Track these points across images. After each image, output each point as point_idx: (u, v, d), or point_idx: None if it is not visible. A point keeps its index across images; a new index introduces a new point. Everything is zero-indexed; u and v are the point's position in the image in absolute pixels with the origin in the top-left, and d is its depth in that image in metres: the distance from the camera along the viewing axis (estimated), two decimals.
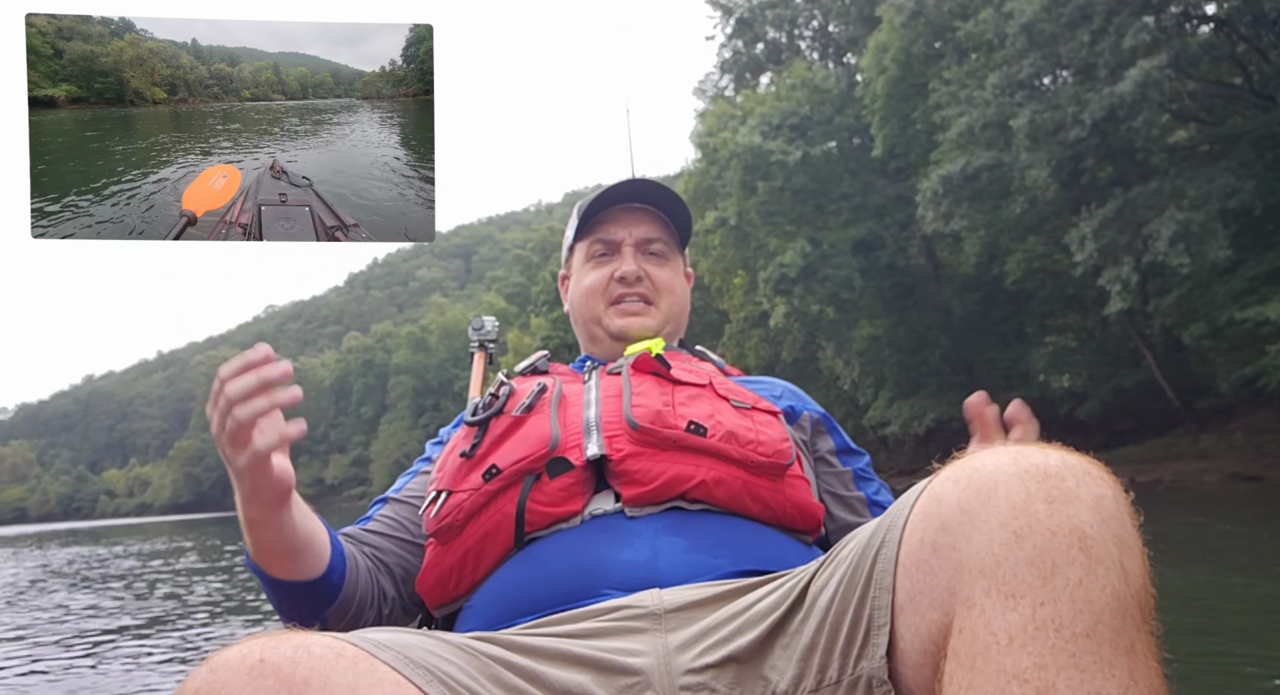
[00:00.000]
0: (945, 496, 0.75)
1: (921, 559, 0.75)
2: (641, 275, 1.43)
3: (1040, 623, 0.66)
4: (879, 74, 22.92)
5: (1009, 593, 0.68)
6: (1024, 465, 0.73)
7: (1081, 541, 0.68)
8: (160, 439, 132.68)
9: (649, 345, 1.35)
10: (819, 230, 24.33)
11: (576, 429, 1.14)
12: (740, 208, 25.41)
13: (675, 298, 1.47)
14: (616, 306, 1.43)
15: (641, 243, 1.45)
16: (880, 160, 24.18)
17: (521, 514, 1.07)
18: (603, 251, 1.45)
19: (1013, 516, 0.70)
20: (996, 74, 18.06)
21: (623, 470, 1.09)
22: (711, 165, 27.02)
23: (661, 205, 1.47)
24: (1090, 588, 0.66)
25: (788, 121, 24.67)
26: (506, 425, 1.16)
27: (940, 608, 0.73)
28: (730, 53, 32.99)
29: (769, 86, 29.75)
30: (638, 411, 1.13)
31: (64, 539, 24.64)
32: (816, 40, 31.33)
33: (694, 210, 29.04)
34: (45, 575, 11.01)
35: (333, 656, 0.70)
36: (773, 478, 1.11)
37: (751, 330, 29.05)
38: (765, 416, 1.19)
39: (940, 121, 19.95)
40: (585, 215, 1.46)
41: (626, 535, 1.05)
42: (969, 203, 19.35)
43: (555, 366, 1.43)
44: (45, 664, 4.51)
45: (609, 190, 1.45)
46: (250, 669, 0.67)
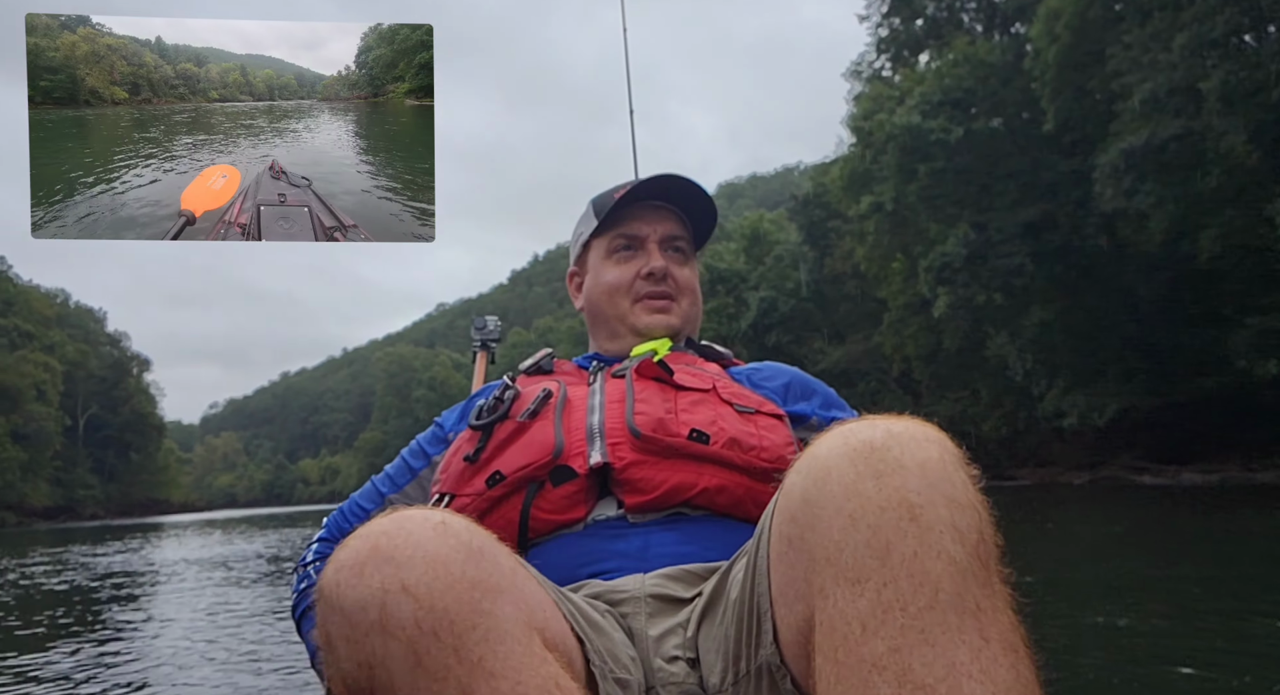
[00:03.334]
0: (792, 488, 0.76)
1: (781, 552, 0.78)
2: (668, 273, 1.39)
3: (886, 605, 0.67)
4: (1050, 43, 21.46)
5: (853, 579, 0.68)
6: (852, 444, 0.73)
7: (911, 512, 0.68)
8: (347, 430, 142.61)
9: (654, 346, 1.35)
10: (984, 212, 23.13)
11: (580, 436, 1.13)
12: (898, 192, 24.53)
13: (694, 298, 1.44)
14: (642, 303, 1.39)
15: (666, 240, 1.41)
16: (1052, 135, 22.66)
17: (525, 520, 1.07)
18: (626, 246, 1.41)
19: (846, 500, 0.70)
20: (1184, 34, 16.56)
21: (625, 478, 1.08)
22: (867, 149, 26.24)
23: (687, 204, 1.43)
24: (925, 558, 0.67)
25: (950, 98, 23.58)
26: (511, 430, 1.15)
27: (803, 600, 0.75)
28: (887, 30, 31.86)
29: (929, 64, 28.53)
30: (640, 419, 1.12)
31: (263, 523, 27.06)
32: (980, 11, 29.72)
33: (848, 196, 28.34)
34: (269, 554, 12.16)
35: (496, 541, 0.77)
36: (776, 482, 1.06)
37: (911, 318, 28.03)
38: (769, 420, 1.17)
39: (1120, 90, 18.50)
40: (611, 210, 1.41)
41: (624, 534, 1.06)
42: (1155, 176, 17.85)
43: (560, 364, 1.41)
44: None
45: (640, 186, 1.39)
46: (435, 526, 0.72)
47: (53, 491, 52.40)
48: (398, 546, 0.70)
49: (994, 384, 27.05)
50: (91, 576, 9.04)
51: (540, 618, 0.75)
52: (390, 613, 0.67)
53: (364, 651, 0.68)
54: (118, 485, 63.81)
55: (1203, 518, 9.42)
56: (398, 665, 0.67)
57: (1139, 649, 3.08)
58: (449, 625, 0.68)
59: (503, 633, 0.70)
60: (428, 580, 0.68)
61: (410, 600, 0.67)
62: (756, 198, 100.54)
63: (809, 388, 1.35)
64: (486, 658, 0.68)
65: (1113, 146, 18.37)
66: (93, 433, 62.38)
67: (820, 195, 35.43)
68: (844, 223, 31.95)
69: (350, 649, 0.68)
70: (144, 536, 19.62)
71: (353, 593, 0.68)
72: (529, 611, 0.74)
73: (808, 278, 36.78)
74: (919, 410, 11.41)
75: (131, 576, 8.94)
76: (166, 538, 18.66)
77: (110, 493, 61.89)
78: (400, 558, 0.69)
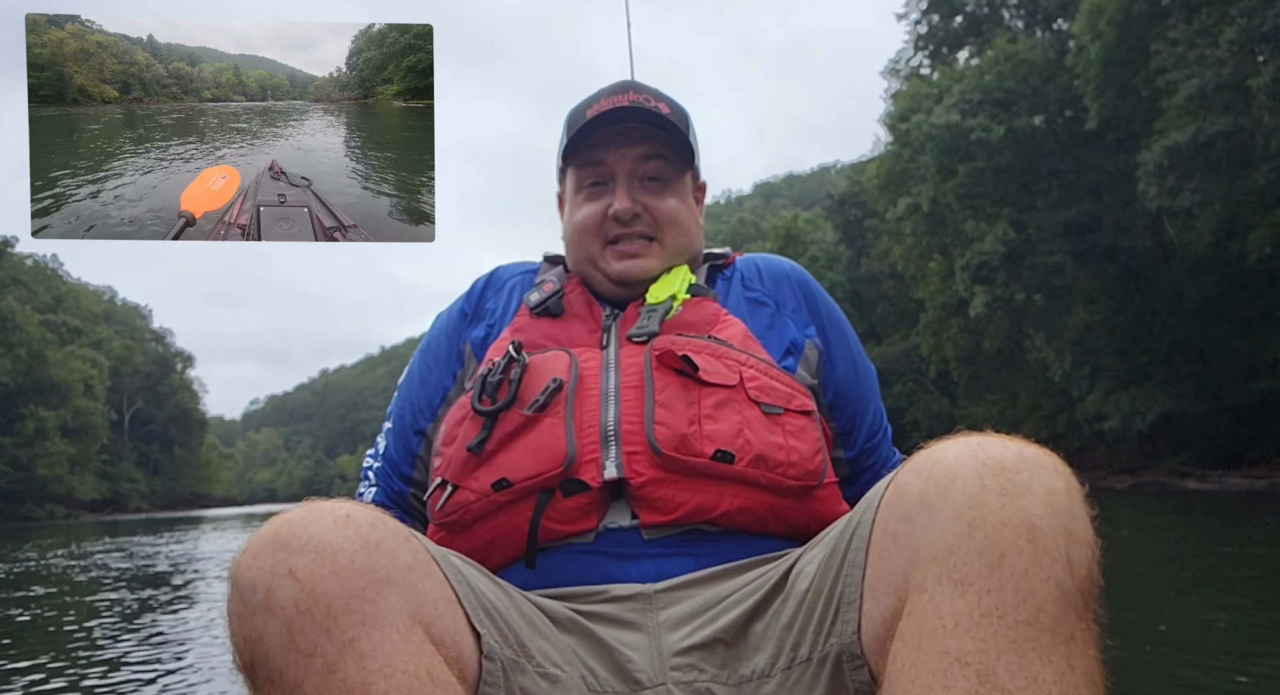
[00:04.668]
0: (908, 487, 0.79)
1: (883, 546, 0.80)
2: (638, 211, 1.25)
3: (985, 609, 0.70)
4: (1094, 39, 21.07)
5: (958, 579, 0.72)
6: (982, 458, 0.76)
7: (1030, 533, 0.71)
8: None
9: (674, 289, 1.23)
10: (1025, 211, 22.78)
11: (593, 437, 1.06)
12: (936, 192, 24.24)
13: (681, 228, 1.28)
14: (614, 247, 1.26)
15: (637, 168, 1.26)
16: (1095, 133, 22.25)
17: (535, 531, 1.04)
18: (594, 181, 1.28)
19: (967, 507, 0.73)
20: (1233, 29, 16.18)
21: (643, 496, 1.04)
22: (904, 148, 25.96)
23: (656, 123, 1.25)
24: (1035, 578, 0.70)
25: (990, 97, 23.25)
26: (518, 424, 1.07)
27: (895, 593, 0.77)
28: (926, 28, 31.49)
29: (969, 61, 28.16)
30: (660, 432, 1.04)
31: None
32: (1022, 7, 29.27)
33: (885, 195, 28.06)
34: None
35: (403, 537, 0.81)
36: (800, 498, 1.06)
37: (950, 319, 27.68)
38: (797, 422, 1.10)
39: (1165, 86, 18.10)
40: (571, 139, 1.26)
41: (636, 554, 1.04)
42: (1201, 174, 17.45)
43: (570, 300, 1.26)
44: None
45: (593, 117, 1.24)
46: (337, 520, 0.78)
47: (99, 485, 53.73)
48: (295, 535, 0.76)
49: (1033, 386, 26.63)
50: (151, 564, 9.27)
51: (429, 612, 0.79)
52: (274, 593, 0.73)
53: (249, 627, 0.74)
54: (162, 479, 65.23)
55: (1253, 522, 9.19)
56: (274, 641, 0.73)
57: (1189, 659, 3.03)
58: (326, 607, 0.73)
59: (382, 620, 0.74)
60: (314, 567, 0.74)
61: (294, 583, 0.73)
62: (793, 197, 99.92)
63: (813, 294, 1.31)
64: (359, 639, 0.73)
65: (1157, 144, 17.99)
66: (138, 427, 63.83)
67: (857, 194, 35.14)
68: (881, 222, 31.65)
69: (239, 624, 0.75)
70: (193, 529, 20.03)
71: (246, 574, 0.75)
72: (417, 604, 0.78)
73: (844, 278, 36.50)
74: (956, 412, 11.39)
75: (189, 563, 9.15)
76: (212, 530, 19.04)
77: (155, 486, 63.29)
78: (295, 545, 0.75)
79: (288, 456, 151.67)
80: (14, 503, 43.07)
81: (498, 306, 1.31)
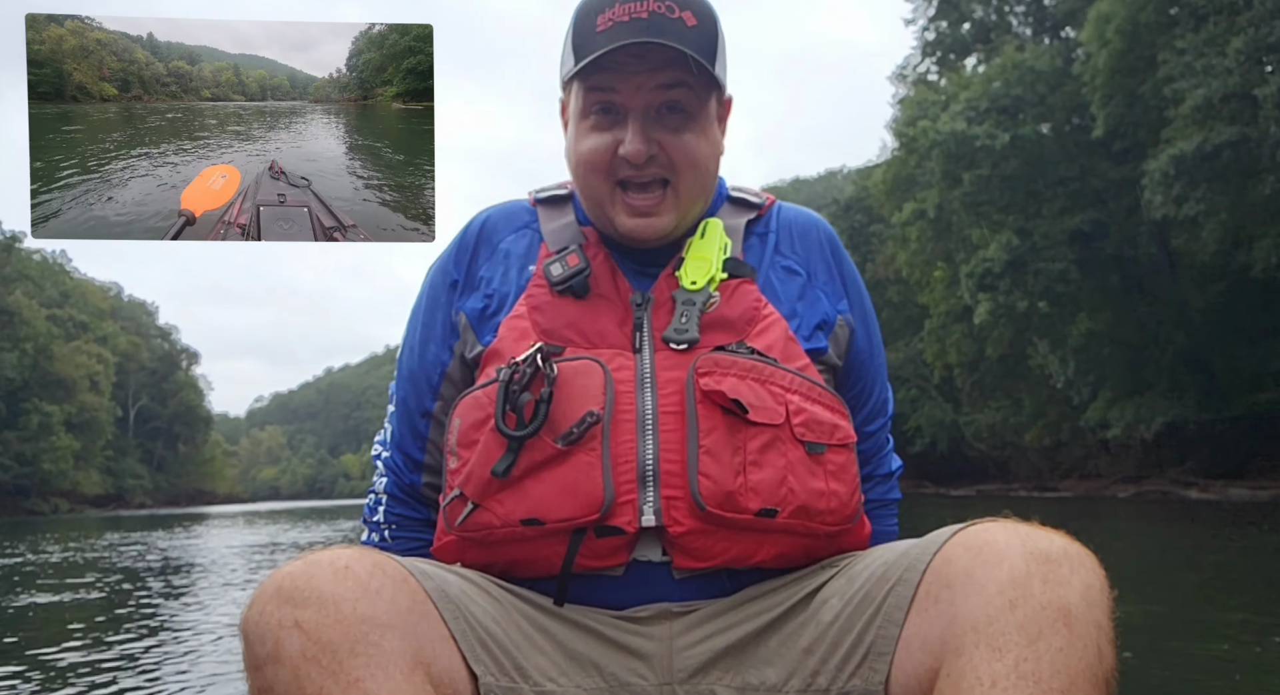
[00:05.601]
0: (955, 560, 0.86)
1: (924, 607, 0.86)
2: (654, 152, 1.09)
3: (1022, 674, 0.76)
4: (1101, 47, 21.07)
5: (996, 646, 0.78)
6: (1030, 547, 0.83)
7: (1067, 618, 0.78)
8: None
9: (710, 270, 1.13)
10: (1030, 218, 22.77)
11: (630, 476, 1.00)
12: (942, 198, 24.25)
13: (700, 170, 1.12)
14: (624, 194, 1.11)
15: (654, 99, 1.08)
16: (1102, 141, 22.24)
17: (568, 570, 1.02)
18: (605, 108, 1.10)
19: (1011, 587, 0.80)
20: (1240, 38, 16.18)
21: (680, 544, 1.01)
22: (911, 154, 25.97)
23: (681, 39, 1.05)
24: (1070, 655, 0.76)
25: (997, 104, 23.26)
26: (548, 455, 1.00)
27: (931, 653, 0.84)
28: (934, 34, 31.51)
29: (975, 67, 28.16)
30: (705, 485, 0.99)
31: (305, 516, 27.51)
32: (1029, 14, 29.28)
33: (891, 202, 28.05)
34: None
35: (401, 581, 0.86)
36: (835, 539, 1.07)
37: (953, 326, 27.66)
38: (840, 459, 1.06)
39: (1172, 95, 18.10)
40: (579, 56, 1.08)
41: (664, 587, 1.04)
42: (1207, 184, 17.44)
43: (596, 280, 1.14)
44: None
45: (605, 35, 1.05)
46: (337, 571, 0.82)
47: (103, 480, 53.85)
48: (299, 588, 0.81)
49: (1037, 393, 26.58)
50: (154, 560, 9.32)
51: (429, 653, 0.84)
52: (282, 645, 0.79)
53: (261, 678, 0.80)
54: (166, 475, 65.35)
55: (1256, 534, 9.19)
56: (284, 689, 0.78)
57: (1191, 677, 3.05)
58: (331, 654, 0.78)
59: (386, 661, 0.79)
60: (318, 618, 0.79)
61: (300, 634, 0.79)
62: (799, 201, 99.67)
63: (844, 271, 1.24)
64: (364, 679, 0.78)
65: (1163, 153, 17.99)
66: (143, 423, 64.00)
67: (862, 199, 35.13)
68: (886, 227, 31.66)
69: (252, 675, 0.81)
70: (197, 525, 20.09)
71: (254, 628, 0.81)
72: (418, 646, 0.83)
73: None
74: (960, 419, 11.29)
75: (199, 560, 9.19)
76: (216, 527, 19.09)
77: (158, 482, 63.41)
78: (299, 598, 0.80)
79: (291, 454, 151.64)
80: (19, 497, 43.21)
81: (494, 274, 1.18)
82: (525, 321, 1.11)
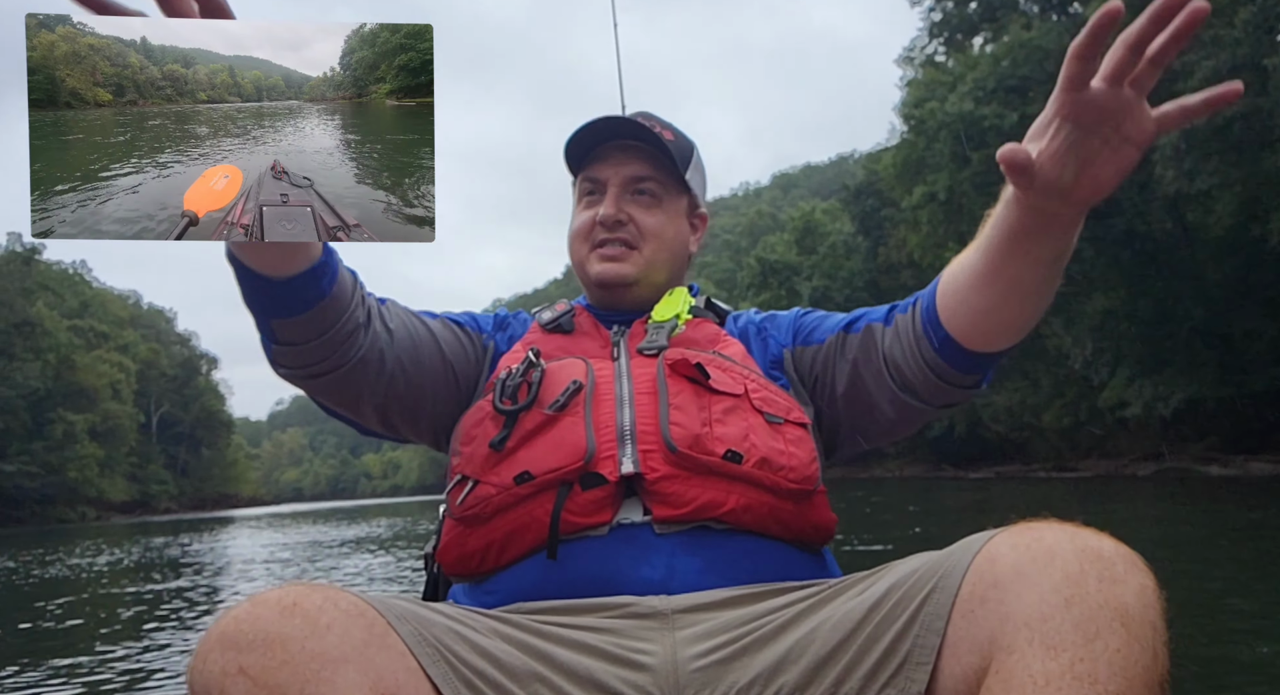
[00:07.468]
0: (1001, 558, 0.83)
1: (969, 609, 0.83)
2: (623, 218, 1.33)
3: (1078, 674, 0.73)
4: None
5: (1051, 645, 0.75)
6: (1080, 545, 0.80)
7: (1124, 618, 0.75)
8: None
9: (678, 309, 1.32)
10: None
11: (610, 435, 1.12)
12: (952, 180, 24.10)
13: (663, 242, 1.35)
14: (598, 250, 1.34)
15: (629, 183, 1.34)
16: None
17: (556, 520, 1.07)
18: (591, 191, 1.37)
19: (1066, 584, 0.77)
20: (1248, 9, 15.98)
21: (656, 491, 1.09)
22: (919, 136, 25.83)
23: (653, 142, 1.33)
24: (1128, 657, 0.74)
25: (1005, 84, 23.07)
26: (539, 422, 1.13)
27: (980, 653, 0.81)
28: (940, 14, 31.24)
29: (983, 47, 27.92)
30: (675, 431, 1.11)
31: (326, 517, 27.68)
32: None
33: (901, 185, 27.89)
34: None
35: (356, 614, 0.81)
36: (796, 501, 1.13)
37: None
38: (796, 432, 1.17)
39: (1181, 68, 17.90)
40: (571, 152, 1.37)
41: (648, 550, 1.08)
42: (1219, 157, 17.27)
43: (580, 320, 1.35)
44: None
45: (589, 126, 1.33)
46: (284, 609, 0.79)
47: (128, 487, 54.52)
48: (243, 632, 0.78)
49: (1055, 373, 26.42)
50: (187, 564, 9.46)
51: (390, 683, 0.79)
52: (228, 693, 0.76)
53: None
54: (190, 480, 66.08)
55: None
56: None
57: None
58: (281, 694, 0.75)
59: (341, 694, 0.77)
60: (264, 661, 0.76)
61: (245, 681, 0.76)
62: (810, 187, 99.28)
63: (774, 321, 1.37)
64: None
65: None
66: (165, 429, 64.67)
67: (873, 183, 34.95)
68: (897, 211, 31.50)
69: None
70: (223, 529, 20.31)
71: (199, 678, 0.78)
72: (376, 678, 0.79)
73: (862, 267, 36.35)
74: (977, 400, 11.19)
75: (225, 563, 9.33)
76: (242, 530, 19.30)
77: (183, 487, 64.14)
78: (243, 642, 0.77)
79: (313, 456, 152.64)
80: (46, 505, 43.84)
81: (502, 339, 1.37)
82: (521, 352, 1.26)
